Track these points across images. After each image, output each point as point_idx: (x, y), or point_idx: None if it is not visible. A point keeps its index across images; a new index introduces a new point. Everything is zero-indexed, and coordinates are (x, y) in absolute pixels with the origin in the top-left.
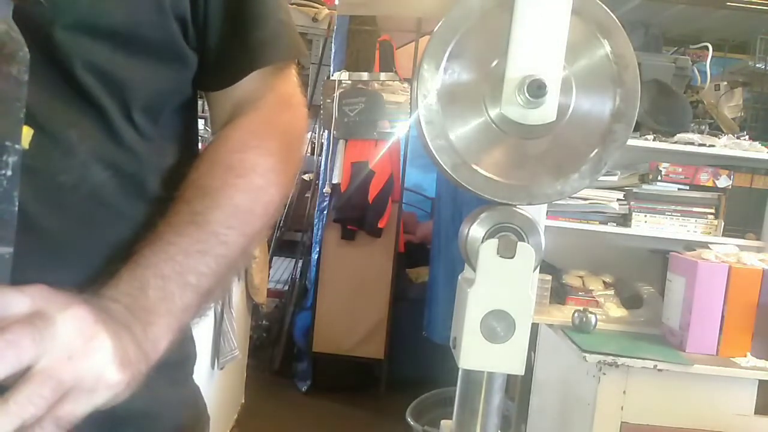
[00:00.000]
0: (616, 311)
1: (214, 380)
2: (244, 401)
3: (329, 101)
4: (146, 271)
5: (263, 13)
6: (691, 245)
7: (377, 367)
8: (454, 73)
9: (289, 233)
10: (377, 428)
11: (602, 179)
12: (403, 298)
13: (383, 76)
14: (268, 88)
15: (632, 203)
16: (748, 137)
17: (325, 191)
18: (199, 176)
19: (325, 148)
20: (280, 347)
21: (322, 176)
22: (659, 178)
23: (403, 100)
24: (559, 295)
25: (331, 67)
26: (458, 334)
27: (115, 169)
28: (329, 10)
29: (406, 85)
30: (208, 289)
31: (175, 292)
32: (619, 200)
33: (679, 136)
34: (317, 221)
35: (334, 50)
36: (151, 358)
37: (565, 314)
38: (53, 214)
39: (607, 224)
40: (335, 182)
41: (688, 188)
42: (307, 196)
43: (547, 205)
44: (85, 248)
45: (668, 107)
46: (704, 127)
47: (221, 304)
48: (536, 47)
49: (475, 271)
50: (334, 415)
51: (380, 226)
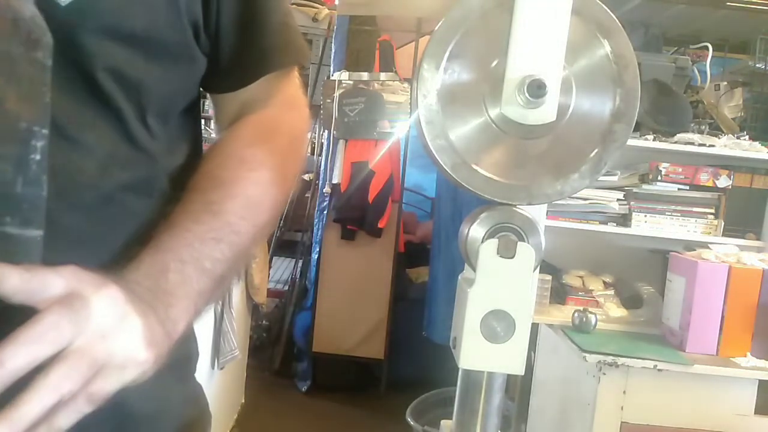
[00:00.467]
0: (616, 311)
1: (214, 380)
2: (244, 401)
3: (329, 101)
4: (166, 255)
5: (272, 19)
6: (691, 245)
7: (377, 367)
8: (454, 73)
9: (289, 233)
10: (377, 428)
11: (602, 179)
12: (403, 298)
13: (383, 76)
14: (274, 89)
15: (632, 203)
16: (748, 137)
17: (325, 191)
18: (212, 168)
19: (325, 148)
20: (280, 347)
21: (322, 176)
22: (659, 178)
23: (403, 100)
24: (559, 295)
25: (331, 67)
26: (458, 334)
27: (130, 169)
28: (329, 10)
29: (406, 85)
30: (221, 275)
31: (192, 276)
32: (619, 200)
33: (679, 136)
34: (317, 221)
35: (334, 50)
36: (172, 338)
37: (565, 314)
38: (72, 213)
39: (607, 224)
40: (335, 182)
41: (688, 188)
42: (307, 196)
43: (547, 205)
44: (100, 247)
45: (668, 107)
46: (704, 127)
47: (221, 304)
48: (536, 47)
49: (475, 271)
50: (334, 415)
51: (380, 226)
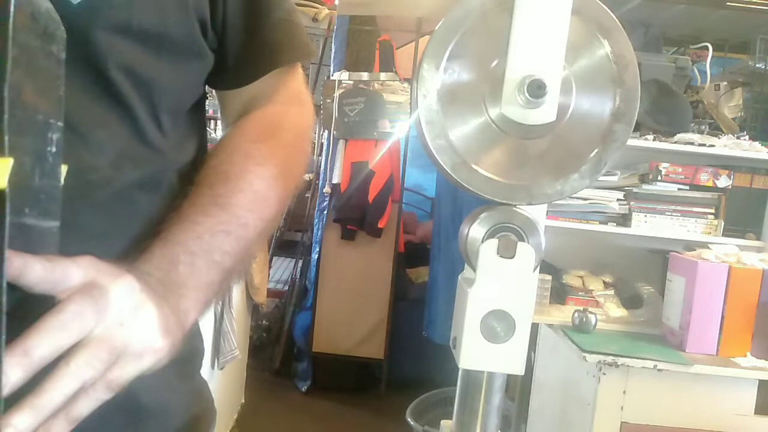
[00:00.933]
0: (616, 311)
1: (214, 380)
2: (244, 401)
3: (329, 101)
4: (176, 247)
5: (278, 16)
6: (691, 245)
7: (377, 367)
8: (454, 73)
9: (289, 233)
10: (377, 428)
11: (602, 179)
12: (403, 298)
13: (383, 76)
14: (280, 85)
15: (632, 203)
16: (748, 137)
17: (325, 191)
18: (219, 162)
19: (325, 148)
20: (280, 347)
21: (322, 176)
22: (659, 178)
23: (403, 100)
24: (559, 295)
25: (331, 67)
26: (458, 334)
27: (141, 167)
28: (329, 10)
29: (406, 85)
30: (230, 267)
31: (202, 268)
32: (619, 200)
33: (679, 136)
34: (317, 221)
35: (334, 50)
36: (184, 328)
37: (565, 314)
38: (83, 212)
39: (607, 224)
40: (335, 182)
41: (688, 188)
42: (307, 196)
43: (547, 205)
44: (111, 243)
45: (668, 107)
46: (704, 127)
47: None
48: (536, 47)
49: (475, 271)
50: (334, 415)
51: (380, 226)
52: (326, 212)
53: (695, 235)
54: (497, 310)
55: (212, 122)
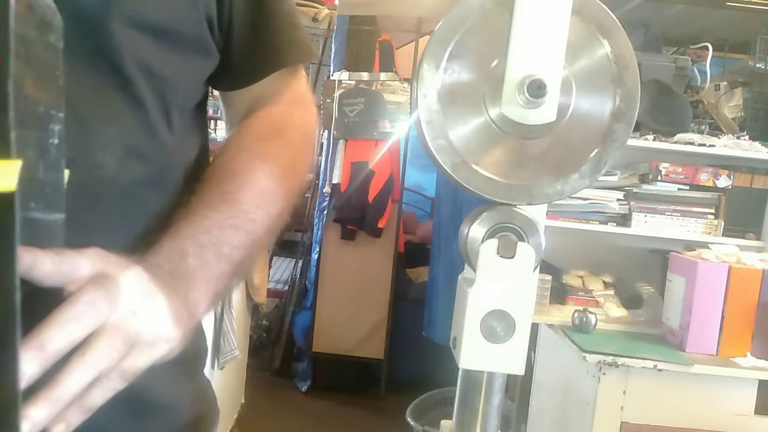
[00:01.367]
0: (616, 311)
1: (214, 380)
2: (244, 401)
3: (329, 101)
4: (185, 240)
5: (282, 18)
6: (691, 245)
7: (377, 367)
8: (454, 73)
9: (289, 233)
10: (377, 428)
11: (602, 179)
12: (403, 298)
13: (383, 76)
14: (284, 86)
15: (632, 203)
16: (748, 137)
17: (325, 191)
18: (227, 160)
19: (325, 148)
20: (280, 347)
21: (322, 176)
22: (659, 178)
23: (403, 100)
24: (559, 295)
25: (331, 67)
26: (458, 334)
27: (148, 164)
28: (329, 10)
29: (406, 85)
30: (239, 261)
31: (211, 260)
32: (619, 200)
33: (679, 136)
34: (317, 221)
35: (334, 50)
36: (195, 319)
37: (565, 314)
38: (89, 207)
39: (607, 224)
40: (335, 182)
41: (688, 188)
42: (307, 196)
43: (547, 205)
44: (116, 241)
45: (668, 107)
46: (704, 127)
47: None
48: (536, 47)
49: (475, 271)
50: (334, 415)
51: (380, 226)
52: (326, 212)
53: (695, 235)
54: (497, 310)
55: (212, 122)
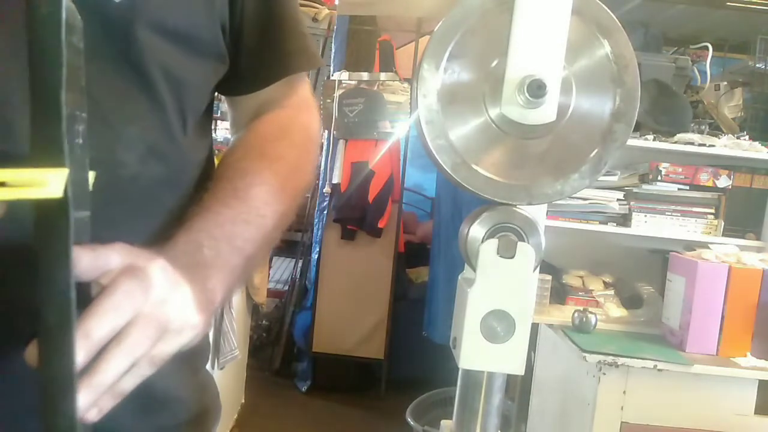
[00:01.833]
0: (616, 311)
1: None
2: (244, 401)
3: (329, 101)
4: (200, 234)
5: (290, 26)
6: (691, 245)
7: (377, 367)
8: (454, 73)
9: (289, 233)
10: (377, 428)
11: (602, 179)
12: (403, 298)
13: (383, 76)
14: (290, 91)
15: (632, 203)
16: (748, 137)
17: (325, 191)
18: (236, 159)
19: (325, 148)
20: (280, 347)
21: (322, 176)
22: (659, 178)
23: (403, 100)
24: (559, 295)
25: (331, 67)
26: (458, 334)
27: (166, 164)
28: (329, 10)
29: (406, 85)
30: (250, 254)
31: (225, 252)
32: (619, 200)
33: (679, 136)
34: (317, 221)
35: (334, 50)
36: (214, 306)
37: (565, 314)
38: (112, 205)
39: (607, 224)
40: (335, 182)
41: (688, 188)
42: (307, 196)
43: (547, 205)
44: (134, 238)
45: (668, 107)
46: (704, 127)
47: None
48: (536, 47)
49: (475, 271)
50: (334, 415)
51: (380, 226)
52: (326, 212)
53: (695, 235)
54: (497, 310)
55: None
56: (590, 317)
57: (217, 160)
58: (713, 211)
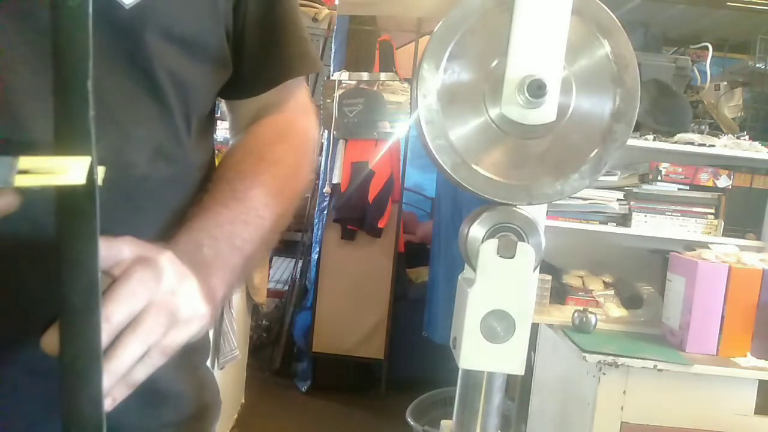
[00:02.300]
0: (616, 311)
1: None
2: (244, 401)
3: (329, 101)
4: (200, 233)
5: (291, 31)
6: (691, 245)
7: (377, 367)
8: (454, 73)
9: (289, 233)
10: (377, 428)
11: (602, 179)
12: (403, 298)
13: (383, 76)
14: (289, 95)
15: (632, 203)
16: (748, 137)
17: (325, 191)
18: (236, 162)
19: (325, 148)
20: (280, 347)
21: (322, 176)
22: (659, 178)
23: (403, 100)
24: (559, 295)
25: (331, 67)
26: (458, 334)
27: (171, 165)
28: (329, 10)
29: (406, 85)
30: (249, 254)
31: (225, 251)
32: (619, 200)
33: (679, 136)
34: (317, 221)
35: (334, 50)
36: (216, 303)
37: (565, 314)
38: (120, 203)
39: (607, 224)
40: (335, 182)
41: (688, 188)
42: (307, 196)
43: (547, 205)
44: (141, 235)
45: (668, 107)
46: (704, 127)
47: None
48: (536, 47)
49: (475, 271)
50: (334, 415)
51: (380, 226)
52: (326, 212)
53: (695, 235)
54: (497, 310)
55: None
56: (590, 317)
57: (217, 160)
58: (713, 211)
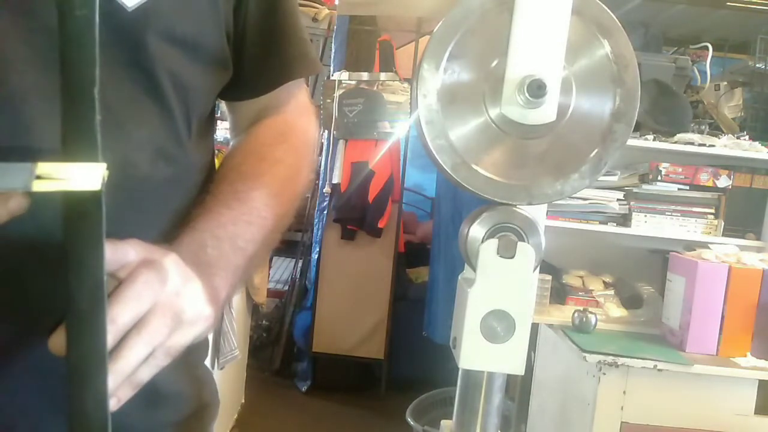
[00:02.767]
0: (616, 311)
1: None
2: (244, 401)
3: (329, 101)
4: (203, 234)
5: (291, 33)
6: (691, 245)
7: (377, 367)
8: (454, 73)
9: (289, 233)
10: (377, 428)
11: (602, 179)
12: (403, 298)
13: (383, 76)
14: (289, 96)
15: (632, 203)
16: (748, 137)
17: (325, 191)
18: (237, 163)
19: (325, 148)
20: (280, 347)
21: (322, 176)
22: (659, 178)
23: (403, 100)
24: (559, 295)
25: (331, 67)
26: (458, 334)
27: (172, 165)
28: (329, 10)
29: (406, 85)
30: (252, 254)
31: (228, 251)
32: (619, 200)
33: (679, 136)
34: (317, 221)
35: (334, 50)
36: (219, 303)
37: (565, 314)
38: (123, 204)
39: (607, 224)
40: (335, 182)
41: (688, 188)
42: (307, 196)
43: (547, 205)
44: (144, 236)
45: (668, 107)
46: (704, 127)
47: None
48: (536, 47)
49: (475, 271)
50: (334, 415)
51: (380, 226)
52: (326, 212)
53: (695, 235)
54: (497, 310)
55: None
56: (590, 317)
57: (217, 160)
58: (713, 211)
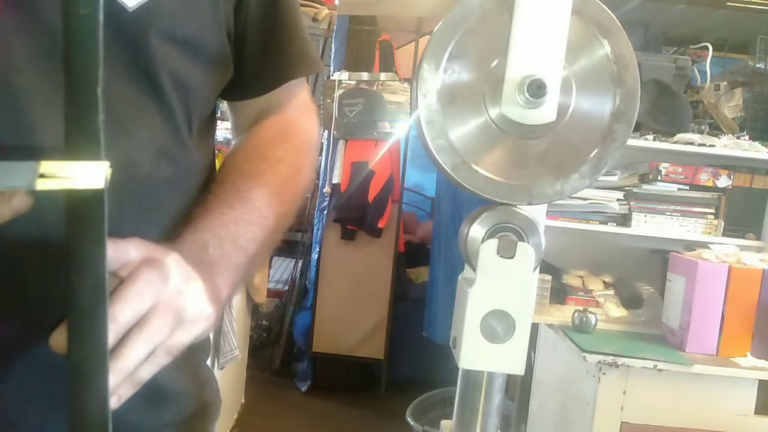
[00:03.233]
0: (616, 311)
1: None
2: (244, 401)
3: (329, 101)
4: (205, 233)
5: (292, 33)
6: (691, 245)
7: (377, 367)
8: (454, 73)
9: (289, 233)
10: (377, 428)
11: (602, 179)
12: (403, 298)
13: (383, 76)
14: (290, 96)
15: (632, 203)
16: (748, 137)
17: (325, 191)
18: (239, 163)
19: (325, 148)
20: (280, 347)
21: (322, 176)
22: (659, 178)
23: (403, 100)
24: (559, 295)
25: (331, 67)
26: (458, 334)
27: (174, 165)
28: (329, 10)
29: (406, 85)
30: (253, 254)
31: (230, 251)
32: (619, 200)
33: (679, 136)
34: (317, 221)
35: (334, 50)
36: (221, 302)
37: (565, 314)
38: (125, 203)
39: (607, 224)
40: (335, 182)
41: (688, 188)
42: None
43: (547, 205)
44: (146, 235)
45: (668, 107)
46: (704, 127)
47: None
48: (536, 47)
49: (475, 271)
50: (334, 415)
51: (380, 226)
52: (326, 212)
53: (695, 235)
54: (497, 310)
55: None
56: (590, 317)
57: (218, 160)
58: (713, 211)
